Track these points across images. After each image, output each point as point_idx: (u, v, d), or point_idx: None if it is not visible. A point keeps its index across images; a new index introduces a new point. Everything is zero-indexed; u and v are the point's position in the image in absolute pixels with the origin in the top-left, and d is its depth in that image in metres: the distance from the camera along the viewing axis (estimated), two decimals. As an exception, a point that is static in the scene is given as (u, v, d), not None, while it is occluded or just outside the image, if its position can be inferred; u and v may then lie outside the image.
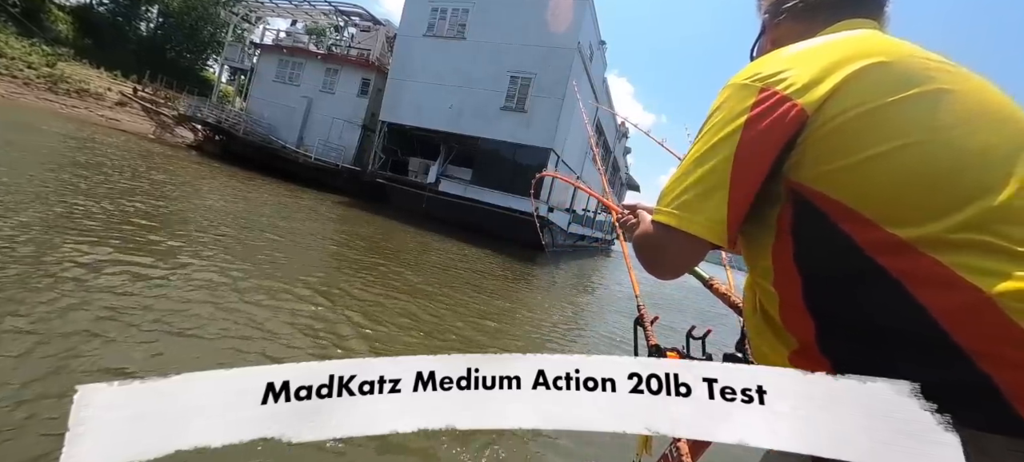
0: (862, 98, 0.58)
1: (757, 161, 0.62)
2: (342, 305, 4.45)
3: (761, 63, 0.67)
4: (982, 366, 0.48)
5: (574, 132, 19.21)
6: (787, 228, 0.64)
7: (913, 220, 0.54)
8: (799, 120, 0.60)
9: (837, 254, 0.58)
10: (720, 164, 0.63)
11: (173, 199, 8.00)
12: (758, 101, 0.62)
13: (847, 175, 0.58)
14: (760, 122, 0.62)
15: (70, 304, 2.98)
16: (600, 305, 9.21)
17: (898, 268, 0.54)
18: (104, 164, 9.65)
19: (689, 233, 0.64)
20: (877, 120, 0.57)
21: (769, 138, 0.61)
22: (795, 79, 0.61)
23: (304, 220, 9.94)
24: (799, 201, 0.62)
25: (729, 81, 0.68)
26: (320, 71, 23.34)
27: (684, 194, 0.65)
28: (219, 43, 36.46)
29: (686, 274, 1.16)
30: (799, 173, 0.61)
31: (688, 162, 0.67)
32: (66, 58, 27.75)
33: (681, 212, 0.65)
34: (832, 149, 0.59)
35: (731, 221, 0.63)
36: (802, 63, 0.63)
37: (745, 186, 0.63)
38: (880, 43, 0.64)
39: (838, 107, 0.58)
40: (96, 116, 23.73)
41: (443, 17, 19.13)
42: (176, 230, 5.71)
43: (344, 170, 20.30)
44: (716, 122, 0.65)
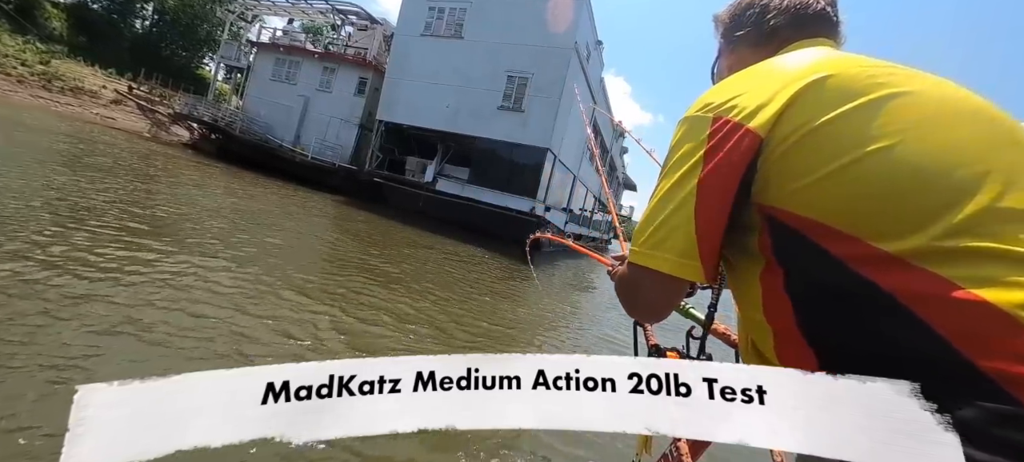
0: (811, 114, 0.58)
1: (720, 192, 0.62)
2: (340, 305, 4.44)
3: (713, 93, 0.67)
4: (1000, 382, 0.45)
5: (571, 132, 19.23)
6: (769, 253, 0.62)
7: (897, 232, 0.52)
8: (754, 145, 0.60)
9: (824, 274, 0.56)
10: (684, 200, 0.63)
11: (168, 198, 7.96)
12: (712, 132, 0.62)
13: (812, 192, 0.56)
14: (717, 153, 0.61)
15: (66, 304, 2.97)
16: (598, 304, 9.22)
17: (891, 284, 0.51)
18: (99, 162, 9.59)
19: (661, 271, 0.63)
20: (830, 133, 0.56)
21: (728, 167, 0.61)
22: (744, 104, 0.61)
23: (301, 219, 9.92)
24: (774, 224, 0.61)
25: (684, 115, 0.68)
26: (317, 70, 23.27)
27: (654, 233, 0.65)
28: (215, 41, 36.34)
29: (684, 317, 1.15)
30: (767, 196, 0.60)
31: (655, 201, 0.66)
32: (60, 55, 27.61)
33: (651, 250, 0.64)
34: (792, 168, 0.58)
35: (703, 255, 0.62)
36: (750, 88, 0.63)
37: (711, 219, 0.62)
38: (826, 59, 0.64)
39: (789, 126, 0.58)
40: (90, 114, 23.59)
41: (440, 16, 19.12)
42: (171, 230, 5.69)
43: (341, 169, 20.26)
44: (676, 159, 0.65)
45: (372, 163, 19.85)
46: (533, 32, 17.26)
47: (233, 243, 5.81)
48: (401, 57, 19.61)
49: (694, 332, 1.01)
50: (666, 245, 0.63)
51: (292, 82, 23.67)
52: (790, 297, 0.60)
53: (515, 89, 17.47)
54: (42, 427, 1.88)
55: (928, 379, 0.46)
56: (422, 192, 18.13)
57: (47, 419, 1.92)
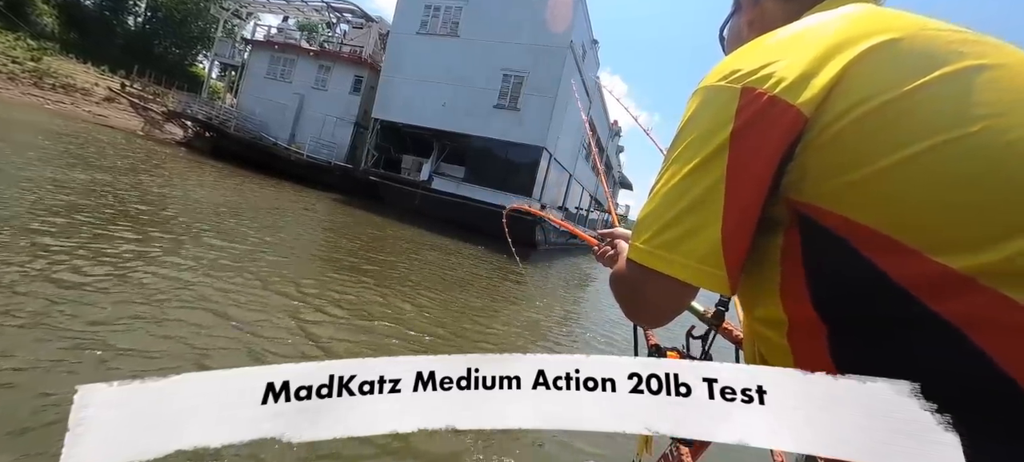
0: (873, 88, 0.46)
1: (753, 183, 0.49)
2: (337, 304, 4.43)
3: (739, 58, 0.54)
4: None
5: (566, 130, 19.26)
6: (796, 263, 0.51)
7: (967, 243, 0.41)
8: (796, 126, 0.47)
9: (869, 293, 0.45)
10: (708, 192, 0.50)
11: (162, 197, 7.91)
12: (742, 106, 0.50)
13: (865, 190, 0.45)
14: (749, 133, 0.49)
15: (61, 304, 2.94)
16: (595, 303, 9.24)
17: (953, 310, 0.41)
18: (92, 160, 9.51)
19: (674, 278, 0.51)
20: (896, 115, 0.45)
21: (763, 152, 0.49)
22: (784, 73, 0.49)
23: (296, 218, 9.88)
24: (809, 227, 0.49)
25: (701, 83, 0.55)
26: (312, 68, 23.17)
27: (667, 229, 0.52)
28: (209, 38, 36.07)
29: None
30: (802, 191, 0.49)
31: (666, 190, 0.53)
32: (52, 52, 27.35)
33: (662, 251, 0.52)
34: (841, 158, 0.46)
35: (729, 262, 0.50)
36: (790, 52, 0.50)
37: (741, 216, 0.50)
38: (884, 18, 0.51)
39: (843, 103, 0.46)
40: (83, 112, 23.40)
41: (436, 15, 19.08)
42: (162, 229, 5.65)
43: (337, 168, 20.19)
44: (693, 139, 0.52)
45: (368, 161, 19.80)
46: (529, 31, 17.27)
47: (228, 242, 5.78)
48: (397, 55, 19.56)
49: (694, 331, 1.02)
50: (684, 247, 0.51)
51: (287, 80, 23.55)
52: (822, 318, 0.49)
53: (511, 88, 17.48)
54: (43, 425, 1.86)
55: (982, 423, 0.40)
56: (418, 190, 18.10)
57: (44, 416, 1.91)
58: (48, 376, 2.21)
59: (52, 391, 2.10)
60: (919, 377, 0.42)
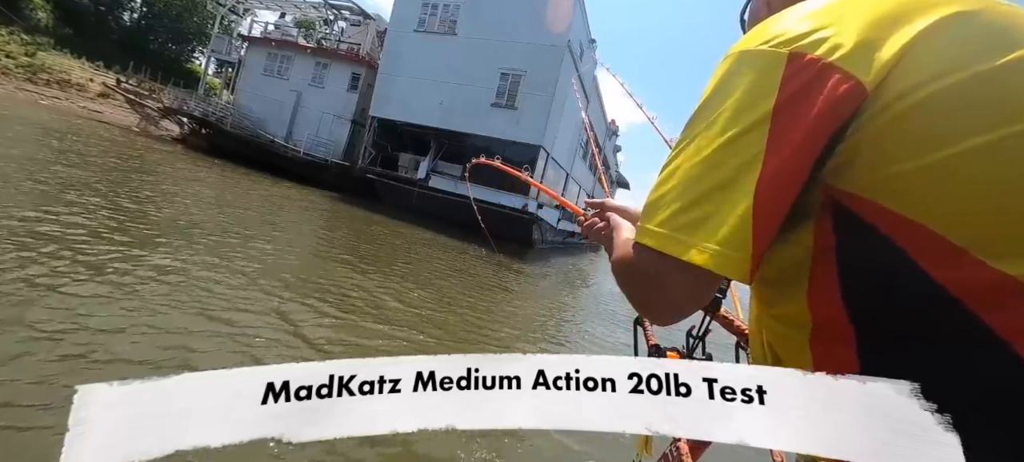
0: (944, 66, 0.40)
1: (797, 160, 0.42)
2: (335, 304, 4.42)
3: (781, 20, 0.46)
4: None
5: (564, 129, 19.27)
6: (829, 260, 0.45)
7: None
8: (853, 99, 0.41)
9: (912, 302, 0.41)
10: (742, 169, 0.43)
11: (156, 195, 7.87)
12: (789, 74, 0.42)
13: (924, 182, 0.40)
14: (798, 104, 0.42)
15: (56, 305, 2.93)
16: (592, 301, 9.25)
17: (1004, 323, 0.37)
18: (87, 157, 9.46)
19: (694, 264, 0.44)
20: (969, 98, 0.39)
21: (812, 128, 0.42)
22: (842, 39, 0.42)
23: (293, 216, 9.85)
24: (847, 219, 0.44)
25: (734, 48, 0.48)
26: (309, 65, 23.09)
27: (687, 210, 0.45)
28: (205, 35, 35.86)
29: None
30: (846, 178, 0.43)
31: (688, 165, 0.46)
32: (46, 48, 27.13)
33: (681, 235, 0.45)
34: (906, 142, 0.40)
35: (757, 248, 0.43)
36: (849, 16, 0.43)
37: (778, 197, 0.43)
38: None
39: (912, 79, 0.40)
40: (78, 108, 23.24)
41: (434, 13, 19.05)
42: (160, 227, 5.62)
43: (334, 165, 20.13)
44: (728, 108, 0.45)
45: (365, 159, 19.77)
46: (526, 30, 17.27)
47: (222, 240, 5.76)
48: (394, 53, 19.52)
49: (694, 331, 1.02)
50: (707, 229, 0.43)
51: (284, 77, 23.47)
52: (853, 323, 0.44)
53: (508, 86, 17.49)
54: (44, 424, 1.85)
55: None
56: (415, 189, 18.08)
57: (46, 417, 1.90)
58: (43, 377, 2.20)
59: (48, 398, 2.09)
60: (962, 392, 0.38)
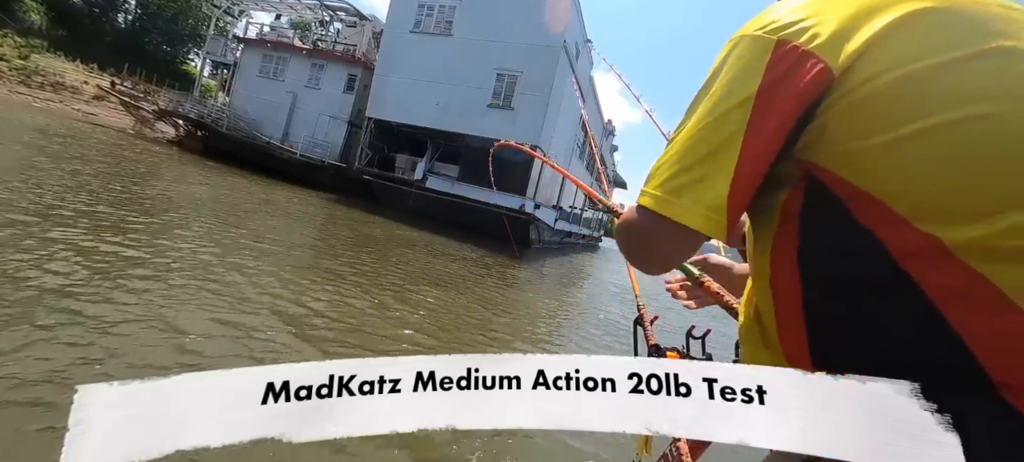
0: (905, 55, 0.46)
1: (772, 135, 0.50)
2: (334, 303, 4.42)
3: (777, 10, 0.54)
4: (1011, 400, 0.41)
5: (560, 129, 19.30)
6: (792, 220, 0.53)
7: (956, 218, 0.43)
8: (823, 83, 0.48)
9: (852, 255, 0.48)
10: (726, 140, 0.51)
11: (152, 196, 7.84)
12: (774, 59, 0.50)
13: (878, 156, 0.46)
14: (778, 86, 0.49)
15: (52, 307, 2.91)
16: (591, 301, 9.26)
17: (927, 278, 0.44)
18: (81, 159, 9.41)
19: (680, 223, 0.52)
20: (924, 85, 0.45)
21: (789, 106, 0.49)
22: (820, 29, 0.49)
23: (289, 217, 9.82)
24: (812, 187, 0.51)
25: (739, 31, 0.55)
26: (305, 66, 23.03)
27: (678, 175, 0.54)
28: (200, 36, 35.75)
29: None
30: (816, 152, 0.50)
31: (685, 136, 0.55)
32: (40, 50, 26.99)
33: (672, 196, 0.53)
34: (862, 122, 0.47)
35: (731, 211, 0.51)
36: (829, 8, 0.50)
37: (753, 168, 0.51)
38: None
39: (873, 67, 0.46)
40: (72, 110, 23.12)
41: (430, 13, 19.04)
42: (155, 229, 5.60)
43: (330, 167, 20.08)
44: (721, 86, 0.53)
45: (361, 160, 19.73)
46: (522, 30, 17.28)
47: (219, 241, 5.74)
48: (390, 54, 19.49)
49: (694, 331, 1.02)
50: (694, 193, 0.52)
51: (280, 78, 23.39)
52: (801, 271, 0.53)
53: (504, 87, 17.49)
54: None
55: (931, 384, 0.43)
56: (412, 189, 18.07)
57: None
58: (39, 377, 2.19)
59: (48, 396, 2.08)
60: (876, 332, 0.47)
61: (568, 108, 19.39)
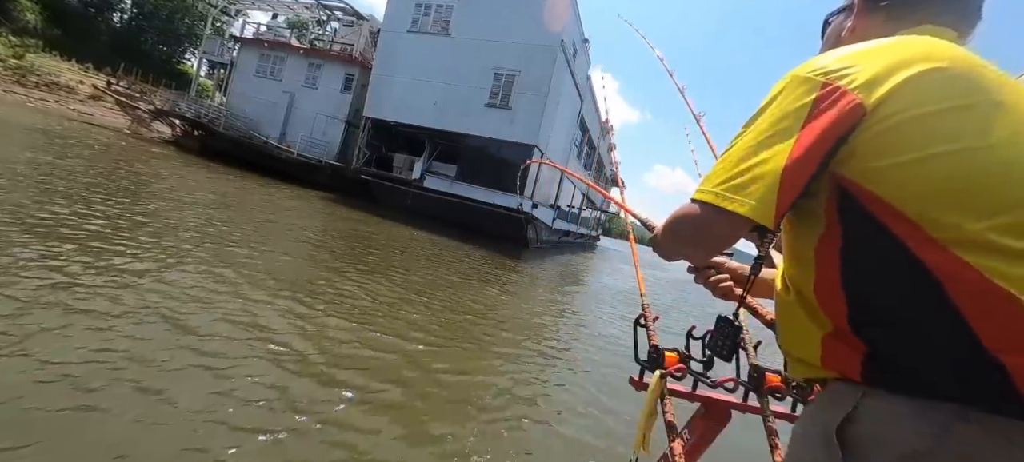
0: (918, 101, 0.61)
1: (814, 152, 0.64)
2: (328, 305, 4.42)
3: (825, 57, 0.69)
4: (1000, 357, 0.54)
5: (558, 128, 19.30)
6: (834, 221, 0.67)
7: (951, 225, 0.58)
8: (857, 115, 0.62)
9: (879, 248, 0.62)
10: (777, 153, 0.65)
11: (149, 196, 7.82)
12: (821, 95, 0.64)
13: (894, 174, 0.61)
14: (821, 115, 0.64)
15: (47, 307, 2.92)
16: (591, 301, 9.28)
17: (937, 265, 0.58)
18: (76, 159, 9.37)
19: (737, 213, 0.65)
20: (929, 124, 0.60)
21: (828, 131, 0.63)
22: (858, 75, 0.64)
23: (286, 217, 9.81)
24: (844, 195, 0.65)
25: (791, 72, 0.70)
26: (302, 66, 22.97)
27: (736, 177, 0.67)
28: (197, 36, 35.57)
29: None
30: (847, 167, 0.64)
31: (741, 148, 0.68)
32: (35, 49, 26.80)
33: (732, 194, 0.66)
34: (883, 147, 0.61)
35: (780, 207, 0.65)
36: (866, 60, 0.65)
37: (798, 177, 0.65)
38: (944, 49, 0.66)
39: (894, 107, 0.61)
40: (67, 110, 22.98)
41: (427, 13, 19.02)
42: (153, 231, 5.59)
43: (328, 166, 20.04)
44: (776, 112, 0.68)
45: (359, 160, 19.70)
46: (520, 30, 17.28)
47: (217, 242, 5.74)
48: (388, 53, 19.46)
49: (694, 332, 1.04)
50: (748, 190, 0.65)
51: (277, 78, 23.33)
52: (842, 260, 0.66)
53: (502, 86, 17.50)
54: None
55: (943, 348, 0.57)
56: (410, 189, 18.06)
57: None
58: (32, 380, 2.20)
59: (37, 402, 2.09)
60: (899, 307, 0.60)
61: (566, 107, 19.40)
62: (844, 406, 0.64)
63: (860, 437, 0.61)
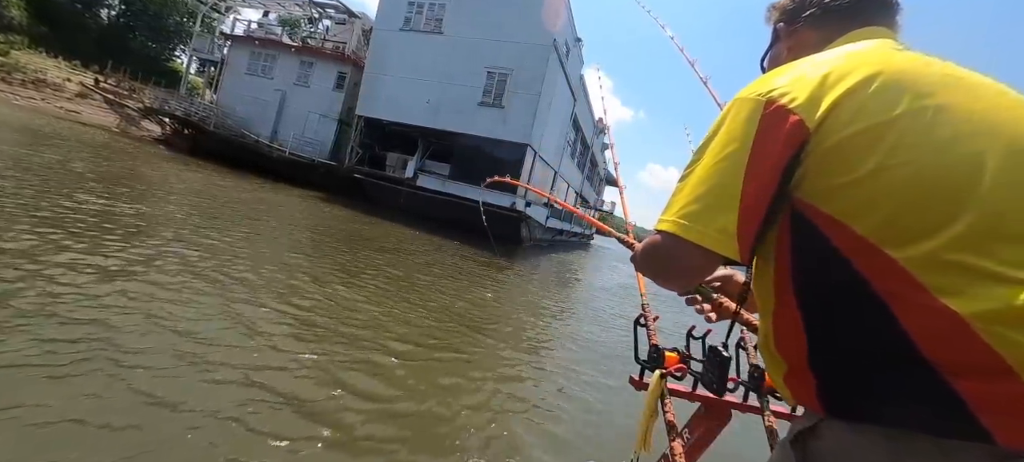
0: (859, 114, 0.59)
1: (767, 175, 0.62)
2: (324, 306, 4.39)
3: (768, 78, 0.68)
4: (951, 382, 0.51)
5: (551, 128, 19.31)
6: (786, 245, 0.65)
7: (904, 240, 0.55)
8: (802, 135, 0.61)
9: (830, 272, 0.60)
10: (730, 177, 0.63)
11: (137, 196, 7.72)
12: (765, 115, 0.63)
13: (844, 192, 0.59)
14: (767, 136, 0.62)
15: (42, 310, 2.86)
16: (583, 299, 9.29)
17: (886, 288, 0.56)
18: (63, 158, 9.24)
19: (697, 244, 0.63)
20: (872, 137, 0.58)
21: (776, 152, 0.62)
22: (798, 93, 0.62)
23: (277, 216, 9.73)
24: (798, 218, 0.63)
25: (736, 96, 0.69)
26: (294, 64, 22.81)
27: (692, 204, 0.65)
28: (187, 33, 35.21)
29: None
30: (801, 189, 0.62)
31: (695, 175, 0.67)
32: (20, 46, 26.42)
33: (689, 222, 0.64)
34: (831, 165, 0.59)
35: (741, 234, 0.63)
36: (805, 77, 0.64)
37: (756, 199, 0.63)
38: (883, 55, 0.65)
39: (838, 122, 0.59)
40: (54, 108, 22.67)
41: (420, 11, 18.94)
42: (140, 231, 5.52)
43: (320, 165, 19.92)
44: (724, 136, 0.66)
45: (352, 159, 19.61)
46: (512, 28, 17.26)
47: (207, 242, 5.67)
48: (380, 52, 19.36)
49: (694, 332, 1.03)
50: (705, 218, 0.63)
51: (268, 76, 23.14)
52: (795, 289, 0.64)
53: (495, 85, 17.46)
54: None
55: (894, 377, 0.54)
56: (403, 188, 17.99)
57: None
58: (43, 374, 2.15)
59: (25, 399, 2.05)
60: (852, 335, 0.58)
61: (559, 106, 19.41)
62: (810, 422, 0.65)
63: (821, 453, 0.63)
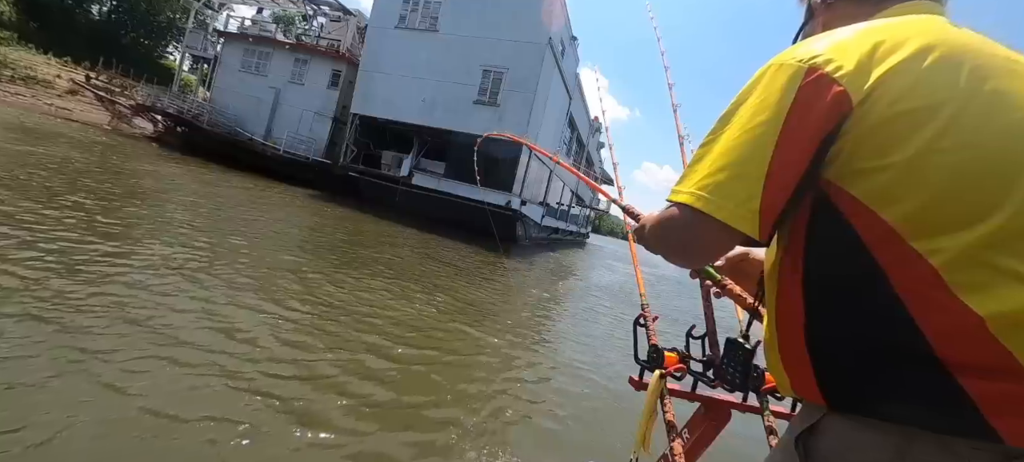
0: (910, 90, 0.54)
1: (801, 149, 0.57)
2: (320, 306, 4.36)
3: (810, 42, 0.61)
4: (960, 381, 0.50)
5: (546, 126, 19.31)
6: (801, 227, 0.61)
7: (933, 232, 0.52)
8: (845, 107, 0.55)
9: (846, 260, 0.57)
10: (759, 149, 0.57)
11: (129, 195, 7.65)
12: (805, 83, 0.56)
13: (878, 175, 0.54)
14: (805, 106, 0.56)
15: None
16: (581, 297, 9.30)
17: (902, 282, 0.53)
18: (53, 157, 9.13)
19: (718, 220, 0.58)
20: (922, 117, 0.53)
21: (813, 124, 0.56)
22: (844, 61, 0.56)
23: (271, 215, 9.67)
24: (821, 198, 0.59)
25: (772, 60, 0.62)
26: (288, 61, 22.63)
27: (715, 174, 0.59)
28: (179, 29, 34.87)
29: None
30: (832, 169, 0.57)
31: (720, 143, 0.61)
32: (9, 43, 26.06)
33: (711, 195, 0.59)
34: (871, 144, 0.54)
35: (765, 211, 0.57)
36: (854, 44, 0.58)
37: (785, 176, 0.57)
38: (939, 28, 0.59)
39: (886, 97, 0.54)
40: (44, 105, 22.39)
41: (415, 9, 18.85)
42: (132, 230, 5.47)
43: (315, 163, 19.80)
44: (756, 102, 0.59)
45: (346, 157, 19.52)
46: (508, 27, 17.23)
47: (201, 241, 5.63)
48: (375, 50, 19.26)
49: (694, 332, 1.02)
50: (726, 191, 0.58)
51: (262, 74, 22.95)
52: (805, 268, 0.61)
53: (490, 83, 17.44)
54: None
55: (902, 371, 0.52)
56: (398, 186, 17.93)
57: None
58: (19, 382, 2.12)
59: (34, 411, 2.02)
60: (860, 323, 0.55)
61: (555, 105, 19.38)
62: (811, 420, 0.61)
63: (824, 451, 0.59)
